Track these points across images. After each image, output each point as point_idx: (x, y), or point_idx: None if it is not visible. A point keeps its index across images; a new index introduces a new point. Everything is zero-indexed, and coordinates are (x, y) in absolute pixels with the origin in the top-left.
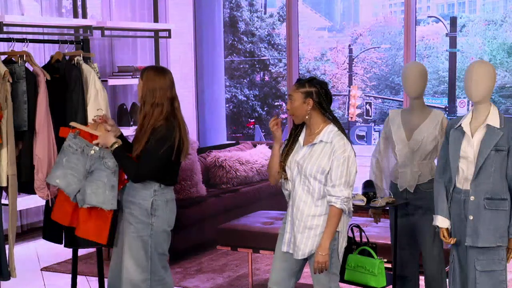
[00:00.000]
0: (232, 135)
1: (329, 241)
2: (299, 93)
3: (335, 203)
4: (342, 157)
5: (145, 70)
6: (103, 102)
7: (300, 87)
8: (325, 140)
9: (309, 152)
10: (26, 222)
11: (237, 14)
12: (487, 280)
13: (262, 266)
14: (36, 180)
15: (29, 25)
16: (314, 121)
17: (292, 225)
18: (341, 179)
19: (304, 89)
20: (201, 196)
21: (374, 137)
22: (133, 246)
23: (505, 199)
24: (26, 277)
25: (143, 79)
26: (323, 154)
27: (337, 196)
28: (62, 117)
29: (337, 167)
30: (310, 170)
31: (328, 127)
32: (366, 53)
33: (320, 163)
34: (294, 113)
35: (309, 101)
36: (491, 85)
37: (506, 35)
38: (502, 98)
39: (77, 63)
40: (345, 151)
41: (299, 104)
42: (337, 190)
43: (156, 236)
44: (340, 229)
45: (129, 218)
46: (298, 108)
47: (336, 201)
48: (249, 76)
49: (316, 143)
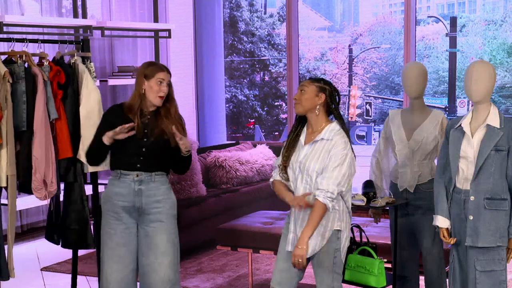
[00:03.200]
0: (232, 135)
1: (309, 235)
2: (314, 86)
3: (319, 196)
4: (340, 154)
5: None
6: (95, 103)
7: (315, 82)
8: (326, 137)
9: (311, 151)
10: (26, 222)
11: (237, 14)
12: (487, 280)
13: (262, 266)
14: (34, 180)
15: (29, 25)
16: (318, 119)
17: (296, 224)
18: (332, 173)
19: (319, 84)
20: (201, 196)
21: (374, 137)
22: (169, 244)
23: (505, 199)
24: (26, 277)
25: (170, 74)
26: (324, 151)
27: (322, 189)
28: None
29: (333, 162)
30: (313, 168)
31: (330, 126)
32: (366, 53)
33: (323, 161)
34: (303, 103)
35: (321, 96)
36: (491, 85)
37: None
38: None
39: (73, 63)
40: (344, 148)
41: (310, 96)
42: (324, 184)
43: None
44: (342, 229)
45: (159, 217)
46: (308, 100)
47: (320, 194)
48: (249, 76)
49: (317, 141)
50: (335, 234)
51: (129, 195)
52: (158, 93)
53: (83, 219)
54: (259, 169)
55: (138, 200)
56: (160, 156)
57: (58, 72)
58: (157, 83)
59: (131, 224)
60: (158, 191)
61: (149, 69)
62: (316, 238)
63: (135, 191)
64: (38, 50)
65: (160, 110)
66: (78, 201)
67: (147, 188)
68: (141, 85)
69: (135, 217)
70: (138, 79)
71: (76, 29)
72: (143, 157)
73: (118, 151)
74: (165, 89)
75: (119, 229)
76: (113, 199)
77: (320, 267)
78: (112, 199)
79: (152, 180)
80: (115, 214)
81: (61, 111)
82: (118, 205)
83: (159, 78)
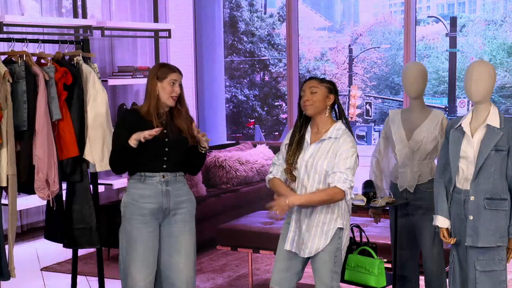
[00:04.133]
0: (232, 135)
1: (303, 202)
2: (324, 87)
3: (337, 183)
4: (350, 151)
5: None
6: (102, 103)
7: (323, 82)
8: (333, 136)
9: (318, 149)
10: (26, 222)
11: (237, 14)
12: (487, 280)
13: (262, 266)
14: (36, 180)
15: (29, 25)
16: (325, 120)
17: (298, 223)
18: (348, 168)
19: (327, 85)
20: (201, 196)
21: (374, 137)
22: (192, 244)
23: (505, 199)
24: (26, 277)
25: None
26: (332, 149)
27: (341, 173)
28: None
29: (345, 158)
30: (321, 166)
31: (336, 125)
32: (366, 53)
33: (331, 159)
34: (316, 104)
35: (331, 97)
36: (491, 85)
37: (506, 35)
38: (502, 98)
39: (76, 63)
40: (353, 146)
41: (322, 98)
42: (343, 174)
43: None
44: (344, 227)
45: (184, 217)
46: (320, 101)
47: (339, 180)
48: (249, 76)
49: (325, 140)
50: (337, 233)
51: (157, 197)
52: (171, 94)
53: (91, 218)
54: (259, 169)
55: (166, 201)
56: (181, 156)
57: (65, 73)
58: (169, 84)
59: (156, 226)
60: (183, 191)
61: (161, 70)
62: (320, 236)
63: (163, 192)
64: (38, 50)
65: (172, 110)
66: (84, 200)
67: (174, 189)
68: (155, 87)
69: (159, 218)
70: (150, 81)
71: (76, 29)
72: (167, 158)
73: (139, 154)
74: (178, 90)
75: (146, 232)
76: (139, 202)
77: (320, 266)
78: (138, 202)
79: (177, 180)
80: (141, 217)
81: (65, 112)
82: (145, 208)
83: (172, 79)
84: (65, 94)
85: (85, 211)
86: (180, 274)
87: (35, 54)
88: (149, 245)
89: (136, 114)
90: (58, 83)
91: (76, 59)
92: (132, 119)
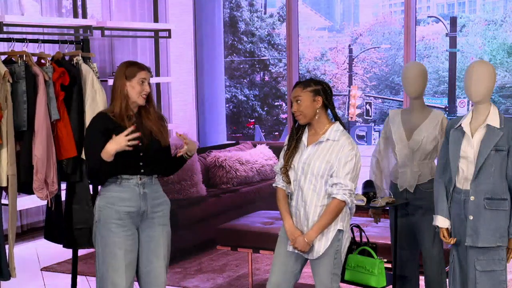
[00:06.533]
0: (232, 135)
1: (318, 233)
2: (307, 93)
3: (337, 194)
4: (350, 155)
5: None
6: (101, 103)
7: (307, 87)
8: (331, 138)
9: (315, 151)
10: (26, 222)
11: (237, 14)
12: (487, 280)
13: (262, 266)
14: (35, 180)
15: (29, 25)
16: (320, 121)
17: (296, 225)
18: (347, 175)
19: (312, 88)
20: (201, 196)
21: (374, 137)
22: (167, 247)
23: (505, 199)
24: (26, 277)
25: (150, 73)
26: (330, 152)
27: (339, 182)
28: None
29: (344, 163)
30: (318, 169)
31: (334, 126)
32: (366, 53)
33: (329, 161)
34: (304, 113)
35: (318, 99)
36: (491, 85)
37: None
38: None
39: (76, 63)
40: (353, 149)
41: (308, 104)
42: (342, 183)
43: None
44: (344, 229)
45: (161, 220)
46: (308, 107)
47: (338, 191)
48: (249, 76)
49: (322, 141)
50: (337, 235)
51: (135, 200)
52: (141, 93)
53: (91, 218)
54: (259, 169)
55: (144, 204)
56: (157, 159)
57: (62, 74)
58: (139, 83)
59: (134, 230)
60: (159, 194)
61: (130, 69)
62: (320, 240)
63: (141, 195)
64: (38, 50)
65: (140, 111)
66: (84, 200)
67: (151, 191)
68: (124, 87)
69: (137, 222)
70: (118, 81)
71: (76, 29)
72: (143, 161)
73: (115, 160)
74: (148, 88)
75: (124, 236)
76: (116, 205)
77: (319, 268)
78: (114, 205)
79: (153, 183)
80: (119, 220)
81: (62, 112)
82: (123, 211)
83: (141, 77)
84: (62, 94)
85: (85, 211)
86: (157, 279)
87: (35, 54)
88: (129, 249)
89: (106, 117)
90: (55, 84)
91: (75, 59)
92: (103, 124)
